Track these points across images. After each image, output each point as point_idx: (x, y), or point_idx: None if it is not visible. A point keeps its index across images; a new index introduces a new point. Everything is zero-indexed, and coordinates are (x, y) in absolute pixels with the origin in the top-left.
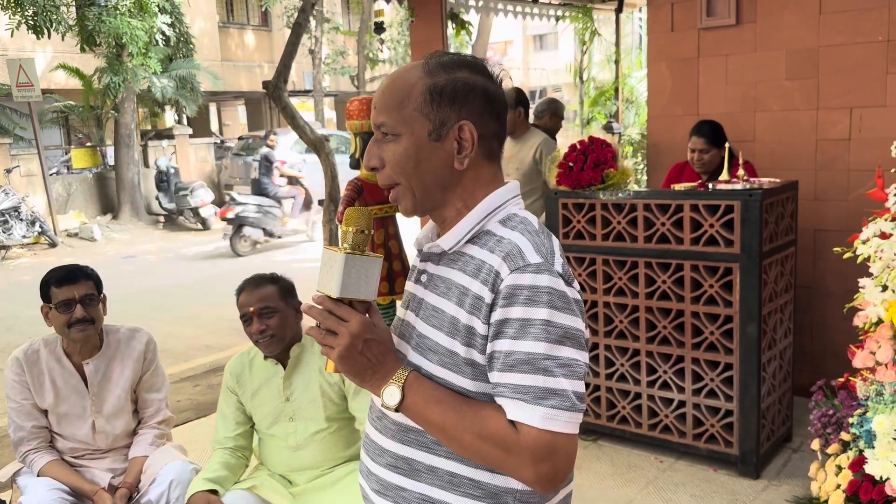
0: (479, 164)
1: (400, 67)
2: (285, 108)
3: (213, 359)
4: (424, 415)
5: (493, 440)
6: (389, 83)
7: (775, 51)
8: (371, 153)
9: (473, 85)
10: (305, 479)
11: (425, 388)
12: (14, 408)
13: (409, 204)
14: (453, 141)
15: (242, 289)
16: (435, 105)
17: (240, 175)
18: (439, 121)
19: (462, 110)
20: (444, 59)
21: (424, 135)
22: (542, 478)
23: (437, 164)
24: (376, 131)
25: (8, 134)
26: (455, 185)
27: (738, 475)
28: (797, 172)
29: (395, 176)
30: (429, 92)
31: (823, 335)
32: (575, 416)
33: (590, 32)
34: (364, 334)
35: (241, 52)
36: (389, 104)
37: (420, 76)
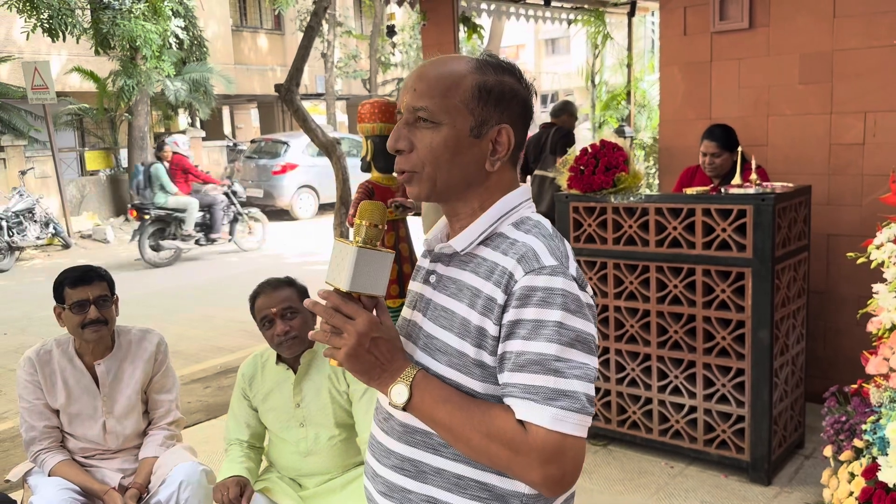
0: (505, 169)
1: (444, 56)
2: (297, 111)
3: (223, 360)
4: (432, 414)
5: (500, 440)
6: (433, 69)
7: (789, 54)
8: (400, 134)
9: (516, 92)
10: (315, 483)
11: (433, 387)
12: (26, 407)
13: (426, 190)
14: (489, 142)
15: (259, 293)
16: (482, 102)
17: (252, 177)
18: (482, 119)
19: (504, 114)
20: (492, 60)
21: (466, 129)
22: (549, 479)
23: (469, 160)
24: (410, 114)
25: (23, 136)
26: (478, 185)
27: (749, 481)
28: (810, 177)
29: (423, 163)
30: (478, 88)
31: (836, 341)
32: (584, 419)
33: (602, 36)
34: (371, 332)
35: (254, 55)
36: (434, 89)
37: (471, 69)
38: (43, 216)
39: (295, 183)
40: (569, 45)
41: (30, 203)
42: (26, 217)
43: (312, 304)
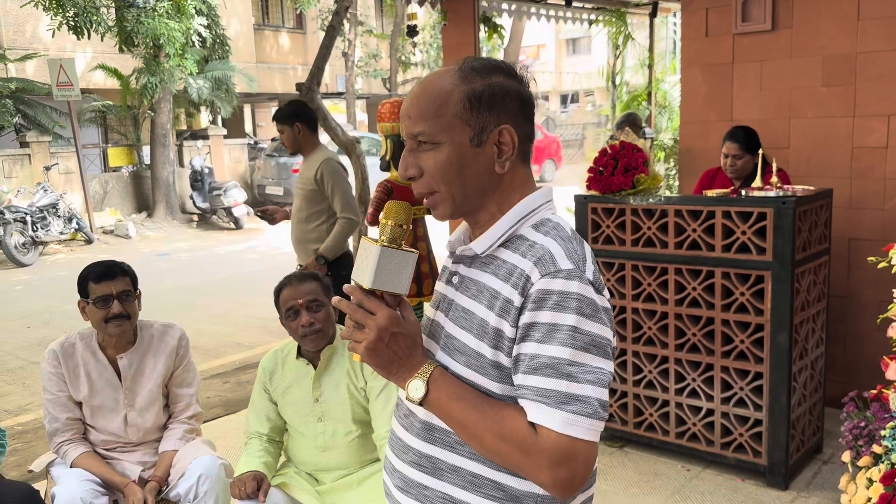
0: (515, 168)
1: (429, 74)
2: (318, 109)
3: (242, 356)
4: (447, 410)
5: (512, 441)
6: (422, 91)
7: (811, 57)
8: (408, 163)
9: (509, 89)
10: (332, 478)
11: (449, 385)
12: (50, 399)
13: (448, 210)
14: (493, 146)
15: (285, 284)
16: (474, 111)
17: (272, 175)
18: (479, 126)
19: (500, 115)
20: (476, 65)
21: (465, 141)
22: (559, 482)
23: (478, 169)
24: (411, 140)
25: (48, 132)
26: (494, 190)
27: (766, 485)
28: (832, 180)
29: (435, 184)
30: (467, 98)
31: (856, 346)
32: (596, 424)
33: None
34: (391, 328)
35: (275, 54)
36: (426, 112)
37: (455, 82)
38: (66, 211)
39: None
40: (590, 45)
41: (53, 198)
42: (50, 212)
43: (338, 300)
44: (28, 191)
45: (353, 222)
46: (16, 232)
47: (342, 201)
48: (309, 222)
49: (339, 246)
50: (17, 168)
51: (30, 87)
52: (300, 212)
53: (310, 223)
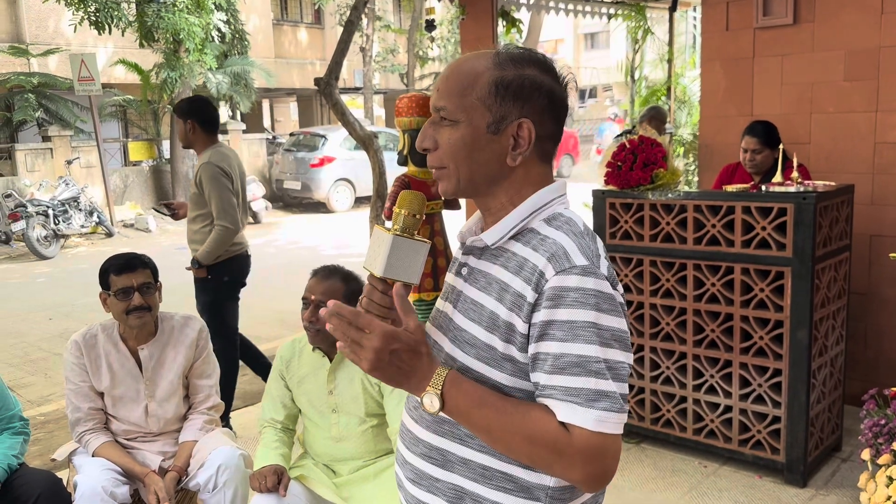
0: (531, 163)
1: (467, 54)
2: (336, 104)
3: (261, 349)
4: (468, 418)
5: (543, 443)
6: (455, 68)
7: (834, 51)
8: (426, 134)
9: (540, 84)
10: (348, 469)
11: (466, 392)
12: (72, 389)
13: (451, 187)
14: (510, 137)
15: (314, 274)
16: (499, 98)
17: (290, 170)
18: (500, 115)
19: (524, 108)
20: (514, 54)
21: (483, 126)
22: (591, 478)
23: (489, 156)
24: (434, 113)
25: (69, 126)
26: (503, 180)
27: (784, 483)
28: (853, 176)
29: (445, 159)
30: (494, 84)
31: (877, 343)
32: (622, 418)
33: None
34: (388, 346)
35: (294, 49)
36: (453, 89)
37: (488, 66)
38: (87, 205)
39: (332, 176)
40: (608, 40)
41: (75, 192)
42: (71, 206)
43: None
44: (50, 184)
45: (228, 231)
46: (38, 225)
47: (218, 208)
48: (195, 223)
49: (214, 252)
50: (40, 162)
51: (52, 81)
52: (189, 212)
53: (195, 224)
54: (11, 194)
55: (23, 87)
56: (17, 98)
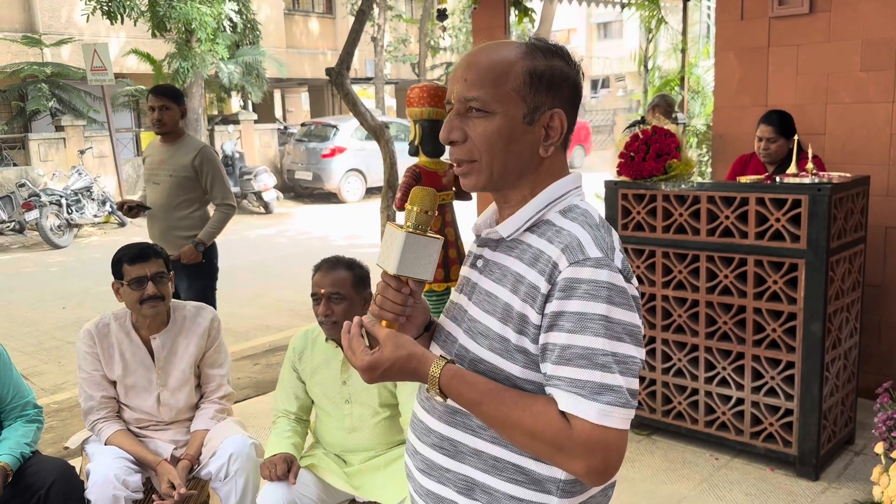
0: (557, 154)
1: (489, 43)
2: (347, 94)
3: (272, 339)
4: (471, 408)
5: (544, 437)
6: (483, 57)
7: (850, 41)
8: (453, 125)
9: (567, 75)
10: (360, 459)
11: (466, 384)
12: (85, 378)
13: (482, 182)
14: (542, 128)
15: (319, 268)
16: (534, 89)
17: (302, 160)
18: (535, 105)
19: (556, 98)
20: (540, 44)
21: (519, 116)
22: (592, 471)
23: (524, 147)
24: (461, 105)
25: (82, 116)
26: (532, 172)
27: (796, 476)
28: (869, 167)
29: (478, 152)
30: (529, 74)
31: (891, 336)
32: (628, 413)
33: (656, 20)
34: (374, 374)
35: (305, 39)
36: (485, 79)
37: (520, 56)
38: (100, 195)
39: (343, 166)
40: (621, 30)
41: (88, 182)
42: (84, 195)
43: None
44: (63, 174)
45: (233, 209)
46: (51, 214)
47: (224, 189)
48: (179, 210)
49: (216, 233)
50: (53, 151)
51: (65, 71)
52: (168, 199)
53: (180, 211)
54: (25, 184)
55: (36, 77)
56: (30, 88)
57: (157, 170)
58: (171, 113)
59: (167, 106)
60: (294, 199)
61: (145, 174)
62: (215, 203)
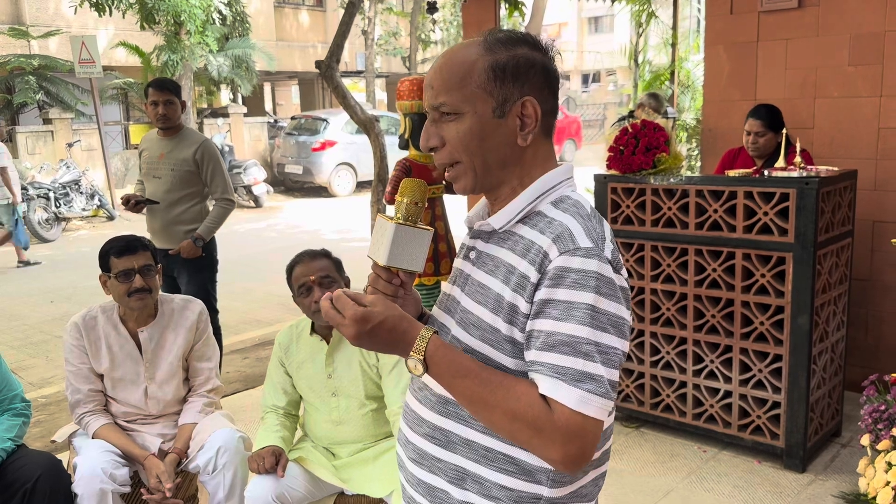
0: (538, 142)
1: (454, 46)
2: (337, 87)
3: (262, 333)
4: (451, 385)
5: (524, 419)
6: (446, 61)
7: (838, 35)
8: (429, 133)
9: (534, 61)
10: (348, 452)
11: (449, 359)
12: (72, 371)
13: (470, 182)
14: (515, 118)
15: (297, 262)
16: (498, 82)
17: (292, 154)
18: (502, 97)
19: (525, 87)
20: (500, 36)
21: (488, 112)
22: (568, 458)
23: (500, 140)
24: (433, 112)
25: (70, 109)
26: (515, 163)
27: (783, 468)
28: (857, 161)
29: (457, 154)
30: (492, 69)
31: (878, 329)
32: (606, 404)
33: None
34: (363, 328)
35: (295, 32)
36: (449, 83)
37: (480, 53)
38: (88, 188)
39: (333, 160)
40: (612, 24)
41: (76, 175)
42: (73, 189)
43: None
44: (51, 167)
45: (233, 204)
46: (39, 208)
47: (225, 183)
48: (180, 204)
49: (217, 228)
50: (41, 144)
51: (52, 63)
52: (169, 194)
53: (181, 205)
54: None
55: (23, 70)
56: (17, 80)
57: (157, 164)
58: (174, 107)
59: (171, 100)
60: (284, 192)
61: (144, 168)
62: (215, 197)
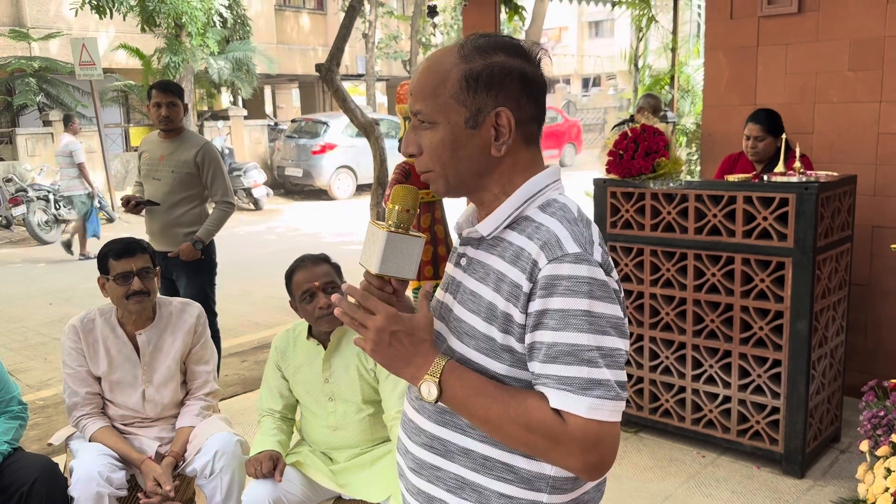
0: (517, 150)
1: (435, 51)
2: (337, 91)
3: (261, 336)
4: (466, 407)
5: (540, 431)
6: (425, 69)
7: (838, 40)
8: (409, 140)
9: (510, 69)
10: (345, 457)
11: (464, 381)
12: (70, 374)
13: (442, 188)
14: (490, 128)
15: (298, 267)
16: (471, 92)
17: (292, 157)
18: (476, 108)
19: (499, 96)
20: (480, 42)
21: (461, 122)
22: (590, 466)
23: (473, 151)
24: (413, 118)
25: (70, 111)
26: (492, 172)
27: (782, 474)
28: (856, 167)
29: (430, 162)
30: (464, 79)
31: (878, 335)
32: (619, 405)
33: (647, 19)
34: (389, 327)
35: (296, 35)
36: (425, 91)
37: (455, 62)
38: None
39: (333, 163)
40: (612, 28)
41: None
42: None
43: (339, 300)
44: (51, 169)
45: (232, 207)
46: (39, 210)
47: (225, 186)
48: (180, 207)
49: (216, 231)
50: (40, 146)
51: (53, 66)
52: (169, 196)
53: (181, 207)
54: (12, 179)
55: (24, 72)
56: (18, 82)
57: (157, 165)
58: (177, 109)
59: (174, 102)
60: (284, 195)
61: (143, 170)
62: (215, 200)
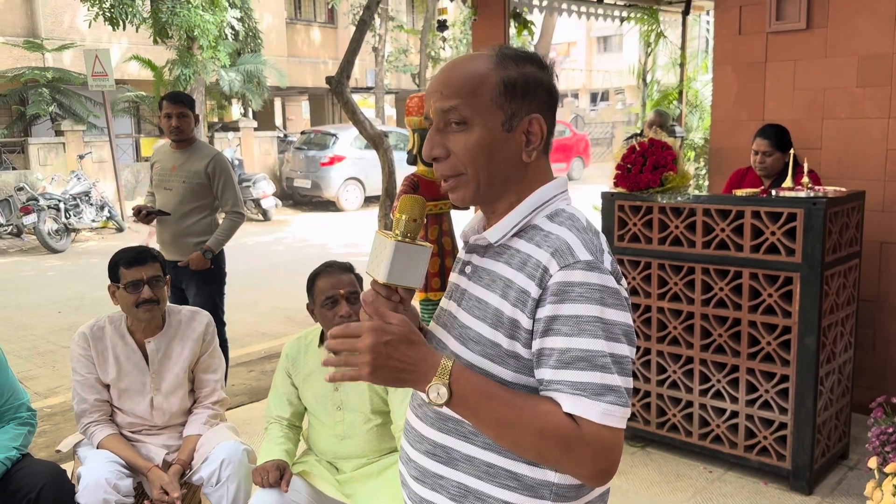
0: (539, 158)
1: (459, 57)
2: (347, 103)
3: (268, 346)
4: (476, 410)
5: (554, 437)
6: (455, 70)
7: (847, 57)
8: (434, 142)
9: (540, 80)
10: (352, 467)
11: (473, 383)
12: (79, 381)
13: (471, 194)
14: (521, 134)
15: (324, 272)
16: (509, 97)
17: (301, 168)
18: (511, 112)
19: (532, 103)
20: (509, 52)
21: (498, 125)
22: (599, 472)
23: (508, 155)
24: (440, 117)
25: (82, 121)
26: (517, 179)
27: (789, 490)
28: (865, 183)
29: (462, 166)
30: (503, 83)
31: (886, 351)
32: (627, 412)
33: (655, 34)
34: (381, 338)
35: (306, 48)
36: (461, 91)
37: (492, 67)
38: (98, 199)
39: (342, 175)
40: (621, 43)
41: (86, 186)
42: (83, 200)
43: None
44: (62, 178)
45: (242, 217)
46: (49, 219)
47: (235, 197)
48: (191, 217)
49: (226, 241)
50: (52, 156)
51: (66, 76)
52: (181, 206)
53: (191, 217)
54: (24, 188)
55: (37, 82)
56: (31, 92)
57: (168, 175)
58: (188, 120)
59: (185, 113)
60: (293, 206)
61: (155, 179)
62: (225, 210)
